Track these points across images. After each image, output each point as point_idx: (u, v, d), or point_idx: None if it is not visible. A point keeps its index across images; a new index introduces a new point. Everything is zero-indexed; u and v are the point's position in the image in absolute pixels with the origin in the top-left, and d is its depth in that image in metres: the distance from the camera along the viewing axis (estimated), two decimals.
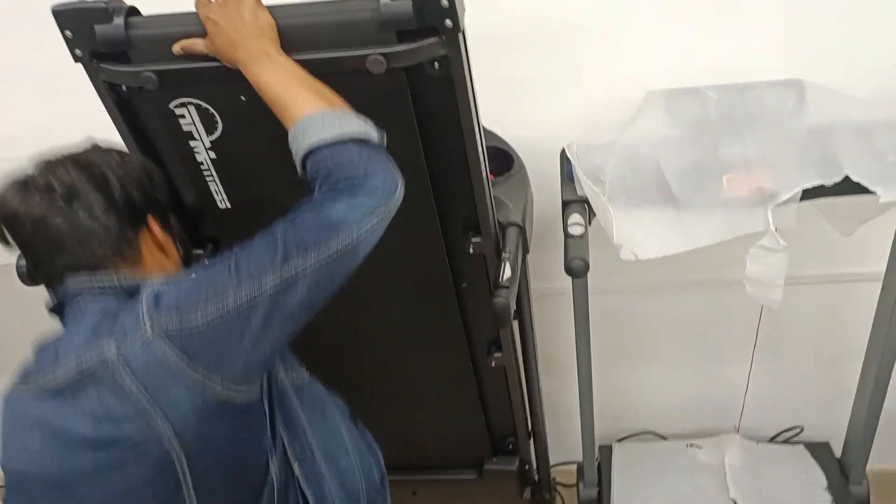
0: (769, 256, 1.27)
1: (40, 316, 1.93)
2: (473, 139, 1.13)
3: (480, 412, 1.63)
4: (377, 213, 0.94)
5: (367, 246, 0.95)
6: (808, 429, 2.02)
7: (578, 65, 1.65)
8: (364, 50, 1.01)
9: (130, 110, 1.15)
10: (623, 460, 1.93)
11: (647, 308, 1.94)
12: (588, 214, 1.35)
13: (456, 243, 1.30)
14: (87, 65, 1.09)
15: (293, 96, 0.98)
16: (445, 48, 1.02)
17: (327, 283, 0.94)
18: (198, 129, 1.14)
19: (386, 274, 1.34)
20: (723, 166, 1.31)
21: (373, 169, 0.95)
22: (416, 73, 1.06)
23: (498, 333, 1.46)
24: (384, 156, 0.98)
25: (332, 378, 1.58)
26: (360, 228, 0.93)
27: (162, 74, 1.06)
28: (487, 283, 1.35)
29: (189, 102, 1.10)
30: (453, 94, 1.08)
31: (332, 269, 0.92)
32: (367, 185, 0.93)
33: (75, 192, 0.94)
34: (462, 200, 1.23)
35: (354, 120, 0.98)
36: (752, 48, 1.57)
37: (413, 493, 1.81)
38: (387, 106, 1.09)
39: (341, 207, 0.92)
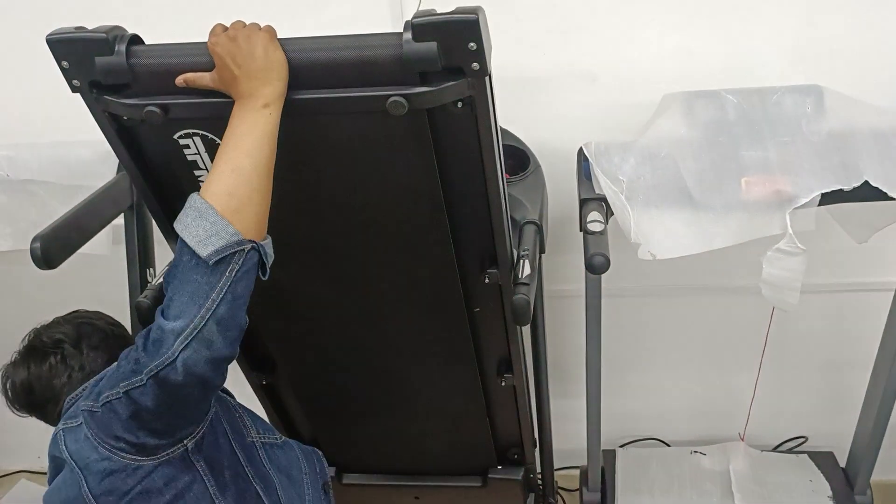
0: (786, 260, 1.26)
1: (40, 301, 1.91)
2: (495, 175, 1.08)
3: (487, 426, 1.61)
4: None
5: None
6: (812, 439, 2.01)
7: (593, 66, 1.65)
8: (384, 90, 0.94)
9: (132, 138, 1.09)
10: (627, 465, 1.92)
11: (655, 313, 1.94)
12: (606, 213, 1.34)
13: (471, 274, 1.26)
14: (87, 96, 1.02)
15: (225, 157, 0.94)
16: (471, 90, 0.96)
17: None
18: (203, 159, 1.08)
19: (399, 297, 1.32)
20: (741, 169, 1.30)
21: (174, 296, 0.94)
22: (437, 111, 1.00)
23: (509, 354, 1.43)
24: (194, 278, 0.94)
25: (339, 389, 1.57)
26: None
27: (167, 108, 0.99)
28: (501, 307, 1.31)
29: (195, 134, 1.05)
30: (476, 131, 1.02)
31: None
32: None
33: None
34: (479, 234, 1.19)
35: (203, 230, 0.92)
36: (766, 54, 1.58)
37: (416, 498, 1.79)
38: (406, 144, 1.04)
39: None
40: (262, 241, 0.96)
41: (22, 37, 1.70)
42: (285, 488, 1.17)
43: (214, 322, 0.91)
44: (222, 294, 0.91)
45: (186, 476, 1.02)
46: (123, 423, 0.97)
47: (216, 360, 0.94)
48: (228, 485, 1.05)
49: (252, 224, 0.94)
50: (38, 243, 1.21)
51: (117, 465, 0.99)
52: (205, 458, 1.04)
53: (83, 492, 1.00)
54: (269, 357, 1.51)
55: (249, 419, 1.19)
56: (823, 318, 1.87)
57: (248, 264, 0.93)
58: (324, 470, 1.29)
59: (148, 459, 1.00)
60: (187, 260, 0.92)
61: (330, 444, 1.65)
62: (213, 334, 0.92)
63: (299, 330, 1.43)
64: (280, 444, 1.21)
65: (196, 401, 0.98)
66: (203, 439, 1.04)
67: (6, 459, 2.39)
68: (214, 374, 0.95)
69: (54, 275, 1.83)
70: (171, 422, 0.99)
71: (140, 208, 1.53)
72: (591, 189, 1.37)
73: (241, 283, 0.93)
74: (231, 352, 0.95)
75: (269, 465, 1.16)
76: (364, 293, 1.32)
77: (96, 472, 0.99)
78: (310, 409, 1.63)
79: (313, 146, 1.06)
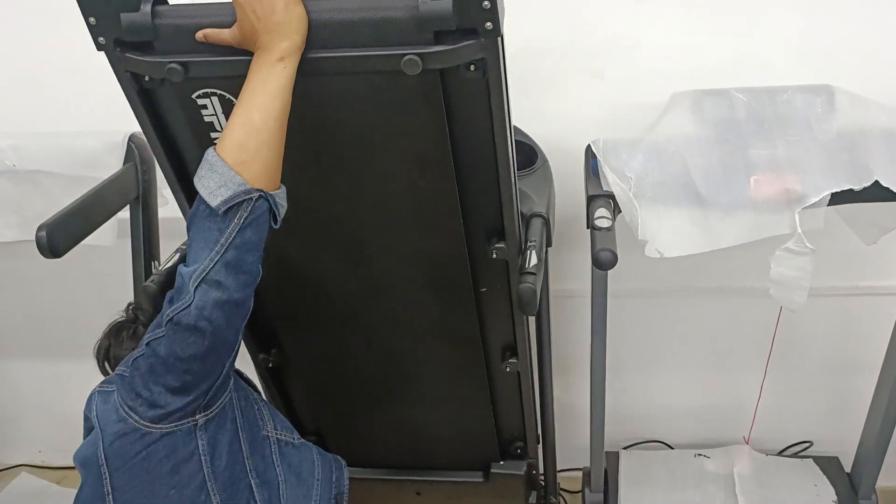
0: (795, 259, 1.26)
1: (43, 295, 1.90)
2: (505, 143, 1.10)
3: (491, 415, 1.60)
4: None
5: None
6: (817, 444, 2.00)
7: (601, 64, 1.64)
8: (400, 49, 0.97)
9: (152, 100, 1.12)
10: (630, 467, 1.91)
11: (659, 314, 1.93)
12: (613, 210, 1.33)
13: (478, 247, 1.27)
14: (111, 53, 1.05)
15: (238, 111, 0.97)
16: (483, 51, 0.98)
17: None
18: (219, 121, 1.10)
19: (405, 271, 1.32)
20: (750, 167, 1.30)
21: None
22: (449, 75, 1.02)
23: (514, 339, 1.43)
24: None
25: (343, 372, 1.57)
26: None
27: (188, 66, 1.02)
28: (507, 289, 1.32)
29: (213, 93, 1.07)
30: (487, 96, 1.04)
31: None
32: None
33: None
34: (487, 204, 1.20)
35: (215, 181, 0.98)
36: (776, 53, 1.58)
37: (417, 494, 1.78)
38: (418, 106, 1.06)
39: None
40: (274, 191, 1.00)
41: (30, 28, 1.71)
42: (291, 488, 1.17)
43: (223, 264, 0.97)
44: (231, 239, 0.97)
45: (187, 451, 1.05)
46: (143, 377, 1.03)
47: (227, 303, 0.98)
48: (222, 470, 1.07)
49: (261, 175, 0.98)
50: (43, 231, 1.22)
51: (129, 429, 1.03)
52: (208, 439, 1.06)
53: (98, 450, 1.05)
54: (275, 338, 1.52)
55: (269, 414, 1.20)
56: (830, 322, 1.86)
57: (257, 212, 0.98)
58: (341, 480, 1.29)
59: (158, 426, 1.03)
60: (202, 210, 0.98)
61: (332, 437, 1.65)
62: (222, 276, 0.97)
63: (305, 307, 1.43)
64: (296, 444, 1.23)
65: (207, 352, 1.00)
66: (213, 420, 1.07)
67: (7, 453, 2.39)
68: (226, 321, 0.99)
69: (58, 268, 1.84)
70: (184, 377, 1.01)
71: (146, 199, 1.53)
72: (598, 185, 1.36)
73: (249, 229, 0.98)
74: (242, 297, 1.00)
75: (280, 462, 1.17)
76: (371, 267, 1.32)
77: (111, 433, 1.04)
78: (313, 395, 1.63)
79: (326, 107, 1.07)
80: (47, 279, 2.06)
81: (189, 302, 0.97)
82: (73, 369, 2.15)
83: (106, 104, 1.59)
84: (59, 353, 2.20)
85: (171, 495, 1.04)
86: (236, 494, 1.09)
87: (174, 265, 1.28)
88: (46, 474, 2.30)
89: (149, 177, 1.54)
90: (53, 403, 2.28)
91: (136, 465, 1.03)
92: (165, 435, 1.03)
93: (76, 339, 2.10)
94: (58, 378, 2.23)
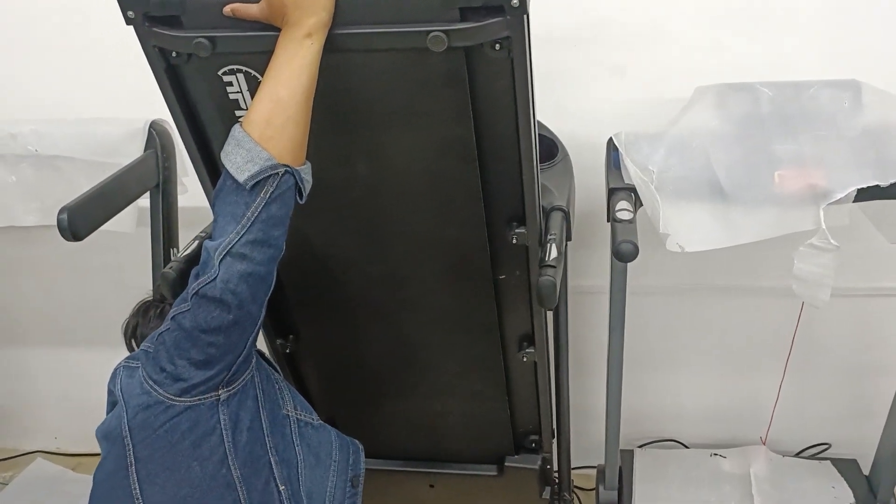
0: (818, 256, 1.24)
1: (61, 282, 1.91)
2: (528, 124, 1.10)
3: (506, 406, 1.60)
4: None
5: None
6: (835, 446, 1.98)
7: (623, 59, 1.63)
8: (426, 26, 0.97)
9: (178, 77, 1.12)
10: (645, 466, 1.90)
11: (677, 312, 1.91)
12: (634, 204, 1.32)
13: (498, 232, 1.27)
14: (139, 28, 1.06)
15: (265, 86, 0.99)
16: (509, 29, 0.99)
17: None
18: (245, 98, 1.11)
19: (424, 255, 1.32)
20: (774, 162, 1.28)
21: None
22: (474, 53, 1.02)
23: (532, 328, 1.42)
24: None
25: (359, 360, 1.57)
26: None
27: (215, 41, 1.03)
28: (526, 276, 1.32)
29: (238, 70, 1.08)
30: (511, 76, 1.04)
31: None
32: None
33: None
34: (509, 187, 1.19)
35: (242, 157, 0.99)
36: (800, 49, 1.56)
37: (430, 486, 1.77)
38: (442, 85, 1.05)
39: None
40: (300, 166, 1.01)
41: (53, 16, 1.73)
42: (310, 468, 1.18)
43: (249, 238, 0.98)
44: (257, 213, 0.98)
45: (209, 425, 1.06)
46: (167, 351, 1.04)
47: (251, 276, 1.00)
48: (243, 446, 1.08)
49: (287, 150, 0.99)
50: (64, 214, 1.22)
51: (153, 401, 1.05)
52: (230, 415, 1.07)
53: (122, 423, 1.06)
54: (292, 324, 1.52)
55: (289, 394, 1.22)
56: (851, 323, 1.84)
57: (283, 187, 0.99)
58: (357, 464, 1.30)
59: (181, 399, 1.04)
60: (228, 185, 0.99)
61: (346, 426, 1.63)
62: (247, 249, 0.99)
63: (322, 293, 1.43)
64: (315, 425, 1.24)
65: (231, 325, 1.01)
66: (235, 396, 1.08)
67: (23, 440, 2.41)
68: (251, 294, 1.00)
69: (76, 256, 1.85)
70: (208, 350, 1.02)
71: (166, 187, 1.54)
72: (619, 178, 1.35)
73: (275, 203, 0.99)
74: (266, 270, 1.01)
75: (299, 442, 1.18)
76: (390, 251, 1.32)
77: (134, 405, 1.06)
78: (328, 382, 1.63)
79: (350, 85, 1.07)
80: (65, 267, 2.07)
81: (214, 275, 0.99)
82: (89, 357, 2.16)
83: (127, 92, 1.61)
84: (76, 340, 2.22)
85: (194, 468, 1.05)
86: (257, 471, 1.09)
87: (193, 252, 1.28)
88: (62, 461, 2.31)
89: (169, 164, 1.54)
90: (69, 391, 2.30)
91: (160, 437, 1.04)
92: (189, 408, 1.04)
93: (93, 327, 2.12)
94: (74, 366, 2.25)
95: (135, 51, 1.08)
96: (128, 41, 1.09)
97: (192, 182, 1.52)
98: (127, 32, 1.06)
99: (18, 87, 1.81)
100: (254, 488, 1.08)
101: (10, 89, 1.82)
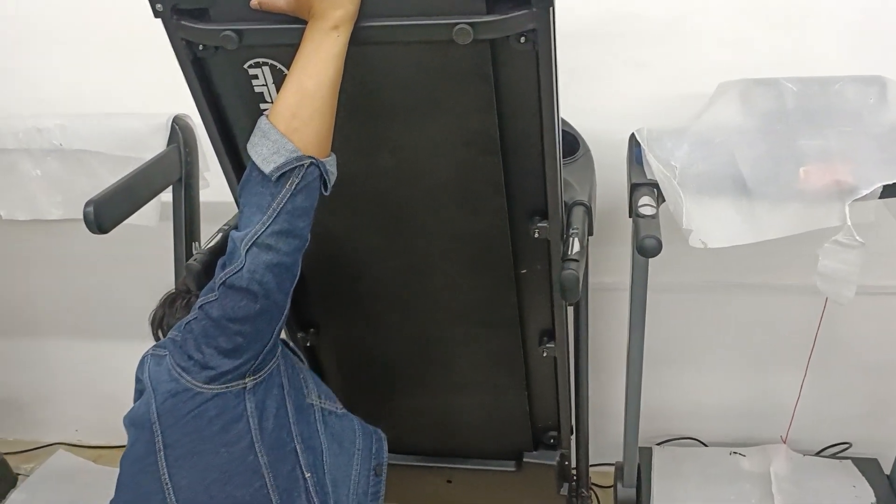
0: (844, 252, 1.23)
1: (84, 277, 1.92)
2: (552, 118, 1.10)
3: (525, 402, 1.59)
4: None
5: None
6: (856, 445, 1.97)
7: (643, 54, 1.63)
8: (451, 18, 0.97)
9: (204, 70, 1.13)
10: (663, 463, 1.90)
11: (697, 309, 1.90)
12: (657, 199, 1.32)
13: (520, 226, 1.26)
14: (167, 20, 1.06)
15: (291, 78, 0.99)
16: (535, 21, 0.99)
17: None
18: (270, 91, 1.12)
19: (445, 248, 1.32)
20: (800, 158, 1.28)
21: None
22: (500, 46, 1.02)
23: (553, 323, 1.42)
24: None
25: (379, 353, 1.57)
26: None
27: (242, 33, 1.03)
28: (548, 270, 1.31)
29: (264, 63, 1.08)
30: (536, 70, 1.04)
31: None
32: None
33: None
34: (531, 181, 1.19)
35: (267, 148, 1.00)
36: (824, 44, 1.55)
37: (448, 482, 1.78)
38: (467, 78, 1.05)
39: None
40: (325, 158, 1.02)
41: (78, 11, 1.74)
42: (335, 456, 1.19)
43: (275, 229, 0.99)
44: (282, 204, 0.99)
45: (236, 412, 1.07)
46: (195, 340, 1.05)
47: (277, 266, 1.01)
48: (269, 433, 1.09)
49: (313, 142, 1.00)
50: (91, 207, 1.23)
51: (181, 388, 1.06)
52: (256, 402, 1.08)
53: (151, 409, 1.07)
54: (314, 317, 1.53)
55: (314, 383, 1.23)
56: (874, 321, 1.83)
57: (308, 178, 1.00)
58: (380, 453, 1.31)
59: (209, 387, 1.06)
60: (255, 176, 1.00)
61: (365, 419, 1.64)
62: (273, 240, 1.00)
63: (344, 286, 1.44)
64: (339, 413, 1.25)
65: (258, 314, 1.02)
66: (261, 384, 1.09)
67: (45, 432, 2.43)
68: (277, 283, 1.02)
69: (99, 250, 1.87)
70: (236, 338, 1.04)
71: (188, 181, 1.55)
72: (642, 174, 1.35)
73: (300, 195, 1.00)
74: (291, 260, 1.03)
75: (323, 430, 1.19)
76: (411, 243, 1.32)
77: (163, 392, 1.07)
78: (348, 376, 1.63)
79: (374, 78, 1.08)
80: (88, 260, 2.09)
81: (241, 265, 1.00)
82: (110, 349, 2.18)
83: (151, 87, 1.63)
84: (98, 333, 2.24)
85: (221, 453, 1.06)
86: (283, 458, 1.10)
87: (217, 244, 1.29)
88: (82, 452, 2.33)
89: (191, 158, 1.55)
90: (91, 383, 2.32)
91: (188, 423, 1.06)
92: (216, 396, 1.06)
93: (114, 320, 2.14)
94: (95, 358, 2.27)
95: (159, 46, 1.09)
96: (152, 36, 1.10)
97: (213, 177, 1.53)
98: (152, 27, 1.07)
99: (44, 82, 1.83)
100: (280, 474, 1.09)
101: (35, 84, 1.83)
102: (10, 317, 2.26)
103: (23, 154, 1.62)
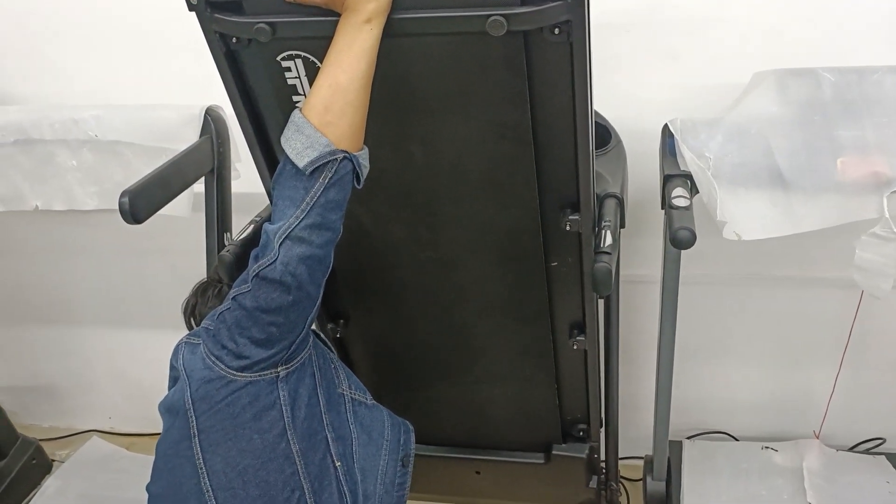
0: (881, 245, 1.22)
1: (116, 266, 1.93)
2: (585, 110, 1.09)
3: (555, 394, 1.59)
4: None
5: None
6: (890, 441, 1.94)
7: (675, 44, 1.61)
8: (485, 10, 0.97)
9: (237, 62, 1.14)
10: (694, 457, 1.88)
11: (730, 302, 1.88)
12: (690, 190, 1.31)
13: (551, 218, 1.26)
14: (202, 14, 1.07)
15: (324, 72, 1.00)
16: (570, 13, 0.98)
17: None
18: (302, 84, 1.12)
19: (476, 241, 1.32)
20: (837, 149, 1.26)
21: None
22: (533, 38, 1.02)
23: (583, 316, 1.42)
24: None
25: (409, 345, 1.58)
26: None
27: (275, 26, 1.04)
28: (578, 263, 1.31)
29: (297, 55, 1.09)
30: (570, 61, 1.03)
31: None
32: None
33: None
34: (563, 173, 1.19)
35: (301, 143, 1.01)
36: (860, 35, 1.52)
37: (476, 473, 1.78)
38: (500, 70, 1.05)
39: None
40: (358, 151, 1.03)
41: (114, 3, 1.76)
42: (364, 446, 1.21)
43: (308, 222, 1.01)
44: (316, 198, 1.01)
45: (269, 400, 1.09)
46: (229, 329, 1.07)
47: (310, 259, 1.02)
48: (302, 421, 1.11)
49: (346, 135, 1.01)
50: (126, 197, 1.25)
51: (215, 376, 1.08)
52: (289, 391, 1.10)
53: (185, 396, 1.09)
54: (344, 308, 1.54)
55: (344, 374, 1.24)
56: None
57: (342, 172, 1.01)
58: (408, 444, 1.32)
59: (242, 375, 1.08)
60: (288, 170, 1.01)
61: (394, 411, 1.65)
62: (306, 233, 1.01)
63: (374, 277, 1.45)
64: (369, 404, 1.26)
65: (291, 305, 1.04)
66: (293, 374, 1.11)
67: (79, 419, 2.48)
68: (309, 275, 1.03)
69: (132, 240, 1.89)
70: (269, 329, 1.05)
71: (221, 172, 1.56)
72: (675, 165, 1.34)
73: (333, 189, 1.01)
74: (324, 253, 1.04)
75: (353, 420, 1.21)
76: (442, 236, 1.32)
77: (197, 379, 1.09)
78: (377, 367, 1.65)
79: (407, 70, 1.08)
80: (122, 250, 2.12)
81: (274, 257, 1.01)
82: (144, 339, 2.22)
83: (184, 78, 1.64)
84: (131, 322, 2.27)
85: (254, 440, 1.08)
86: (314, 446, 1.12)
87: (249, 235, 1.30)
88: (116, 440, 2.37)
89: (224, 149, 1.57)
90: (124, 371, 2.36)
91: (222, 409, 1.08)
92: (249, 383, 1.08)
93: (148, 309, 2.17)
94: (129, 347, 2.31)
95: (192, 37, 1.10)
96: (186, 29, 1.11)
97: (244, 168, 1.54)
98: (186, 20, 1.08)
99: (80, 74, 1.86)
100: (311, 462, 1.11)
101: (71, 76, 1.86)
102: (46, 306, 2.30)
103: (59, 145, 1.64)
